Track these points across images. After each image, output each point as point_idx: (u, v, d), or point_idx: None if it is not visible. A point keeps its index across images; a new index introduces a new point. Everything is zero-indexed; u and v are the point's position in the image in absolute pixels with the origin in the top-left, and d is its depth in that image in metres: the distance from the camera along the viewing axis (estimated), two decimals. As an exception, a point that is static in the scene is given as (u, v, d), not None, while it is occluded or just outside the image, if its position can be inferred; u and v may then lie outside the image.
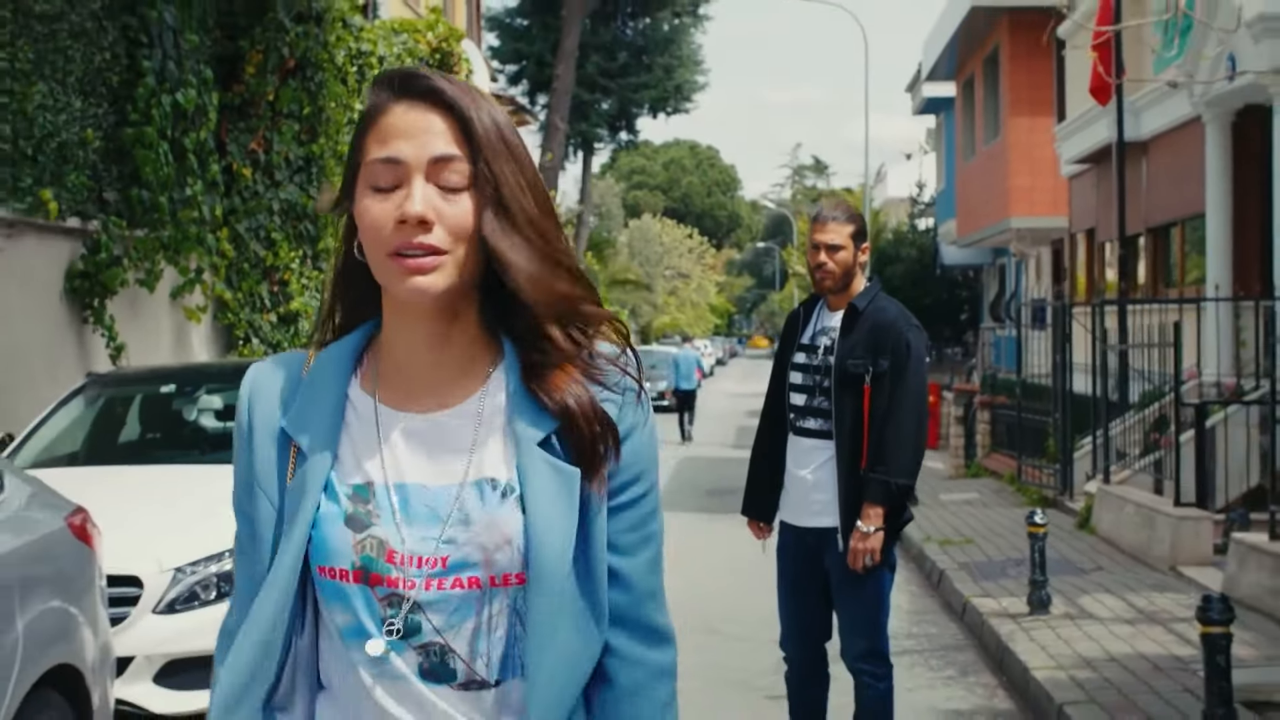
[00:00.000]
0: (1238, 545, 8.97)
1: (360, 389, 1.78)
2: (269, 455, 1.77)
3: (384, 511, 1.71)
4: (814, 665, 5.49)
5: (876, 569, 5.21)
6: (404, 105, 1.68)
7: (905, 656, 8.01)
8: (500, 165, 1.68)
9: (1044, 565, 8.64)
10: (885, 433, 5.18)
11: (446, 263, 1.64)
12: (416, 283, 1.64)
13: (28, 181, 9.11)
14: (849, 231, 5.38)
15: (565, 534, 1.70)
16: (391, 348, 1.77)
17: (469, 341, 1.76)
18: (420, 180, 1.64)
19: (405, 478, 1.73)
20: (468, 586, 1.69)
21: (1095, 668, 7.20)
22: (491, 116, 1.70)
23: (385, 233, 1.64)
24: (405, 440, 1.75)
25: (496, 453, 1.74)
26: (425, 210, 1.62)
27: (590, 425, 1.73)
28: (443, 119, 1.67)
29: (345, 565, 1.69)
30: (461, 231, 1.65)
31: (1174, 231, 17.60)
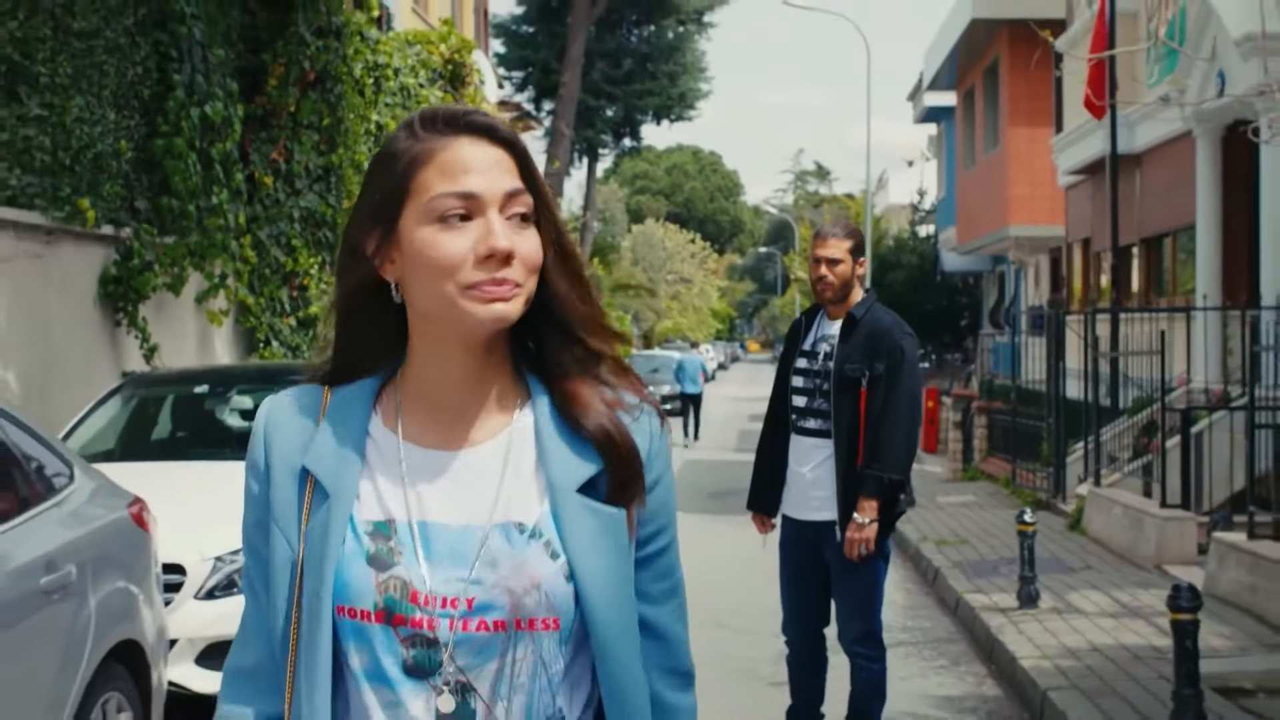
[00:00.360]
0: (1218, 544, 9.41)
1: (382, 425, 1.76)
2: (287, 493, 1.74)
3: (405, 549, 1.68)
4: (814, 650, 5.92)
5: (871, 558, 5.64)
6: (467, 140, 1.68)
7: (900, 648, 8.43)
8: (551, 204, 1.72)
9: (1033, 562, 9.08)
10: (880, 432, 5.61)
11: (521, 294, 1.66)
12: (497, 309, 1.64)
13: (66, 191, 9.55)
14: (847, 246, 5.81)
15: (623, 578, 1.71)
16: (418, 384, 1.76)
17: (500, 377, 1.76)
18: (496, 214, 1.65)
19: (428, 516, 1.71)
20: (493, 629, 1.66)
21: (1078, 657, 7.64)
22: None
23: (463, 268, 1.63)
24: (429, 478, 1.73)
25: (524, 493, 1.72)
26: (510, 245, 1.64)
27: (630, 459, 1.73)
28: (506, 154, 1.69)
29: (368, 606, 1.66)
30: (534, 265, 1.67)
31: (1167, 242, 18.03)
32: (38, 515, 4.70)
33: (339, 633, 1.67)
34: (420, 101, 15.79)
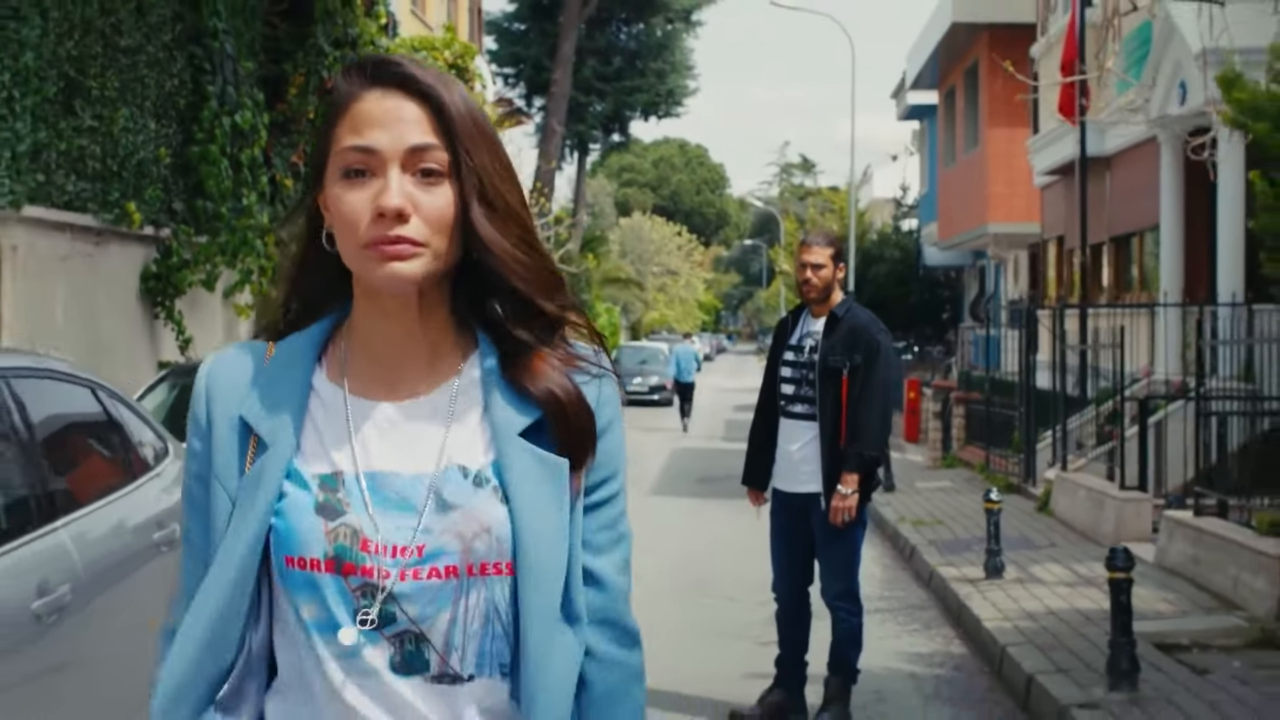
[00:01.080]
0: (1167, 521, 10.32)
1: (326, 378, 1.75)
2: (228, 446, 1.71)
3: (354, 500, 1.66)
4: (799, 605, 6.80)
5: (851, 524, 6.52)
6: (378, 92, 1.65)
7: (878, 614, 9.30)
8: (481, 154, 1.66)
9: (998, 537, 9.98)
10: (859, 415, 6.49)
11: (424, 253, 1.63)
12: (393, 269, 1.62)
13: (115, 195, 10.39)
14: (829, 254, 6.71)
15: (558, 526, 1.69)
16: (362, 336, 1.74)
17: (442, 330, 1.74)
18: (396, 171, 1.62)
19: (375, 466, 1.69)
20: (444, 576, 1.64)
21: (1036, 619, 8.53)
22: (466, 104, 1.68)
23: (361, 224, 1.62)
24: (376, 429, 1.71)
25: (471, 441, 1.71)
26: (403, 203, 1.61)
27: (579, 416, 1.73)
28: (418, 107, 1.64)
29: (317, 555, 1.64)
30: (439, 222, 1.64)
31: (1134, 241, 18.96)
32: (146, 483, 5.54)
33: (289, 586, 1.65)
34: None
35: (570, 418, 1.71)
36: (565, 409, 1.71)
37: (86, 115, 10.00)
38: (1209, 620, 8.41)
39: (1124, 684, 6.55)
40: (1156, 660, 7.25)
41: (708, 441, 24.55)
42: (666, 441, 24.38)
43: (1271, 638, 7.81)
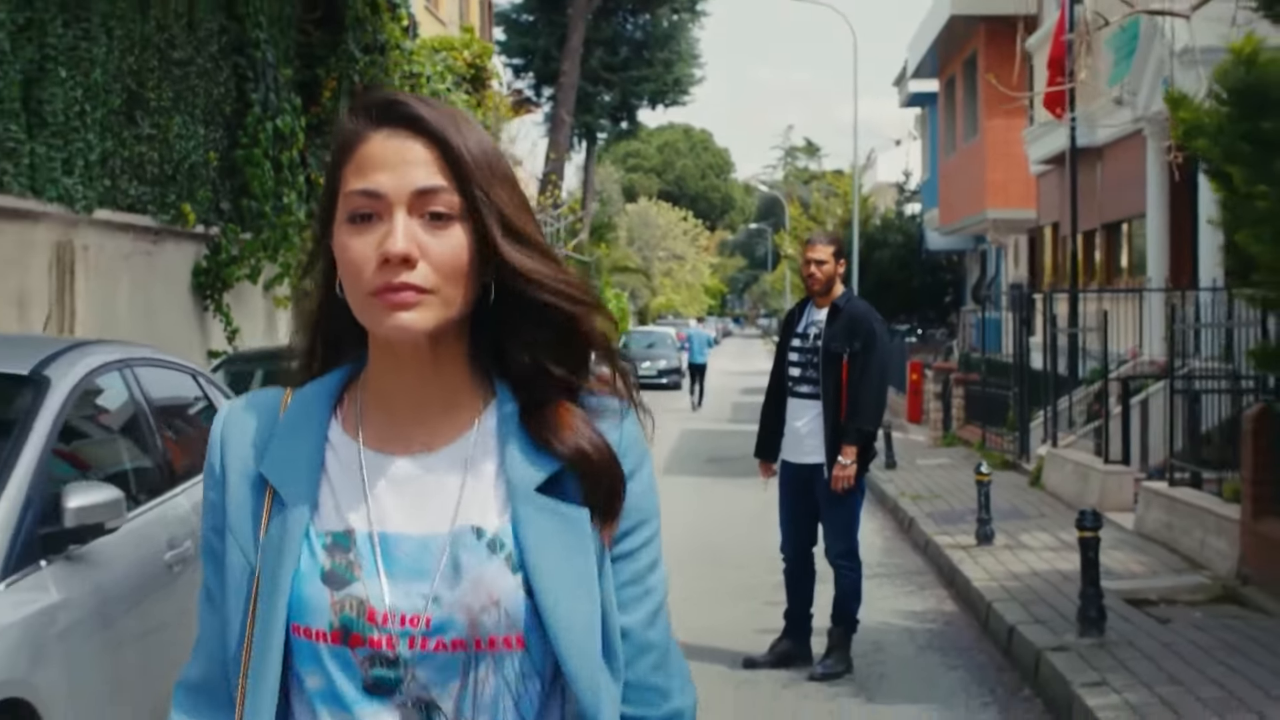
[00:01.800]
0: (1145, 492, 11.18)
1: (342, 431, 1.68)
2: (244, 501, 1.66)
3: (365, 563, 1.60)
4: (804, 564, 7.67)
5: (851, 491, 7.39)
6: (383, 134, 1.59)
7: (877, 579, 10.14)
8: (496, 191, 1.60)
9: (989, 507, 10.85)
10: (858, 394, 7.36)
11: (431, 301, 1.56)
12: (400, 319, 1.55)
13: (171, 197, 11.25)
14: (831, 251, 7.58)
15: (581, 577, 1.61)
16: (376, 387, 1.67)
17: (459, 379, 1.67)
18: (402, 215, 1.56)
19: (388, 526, 1.62)
20: (451, 649, 1.58)
21: (1021, 579, 9.39)
22: (479, 143, 1.61)
23: (366, 272, 1.55)
24: (391, 485, 1.64)
25: (486, 498, 1.63)
26: (408, 247, 1.54)
27: (608, 470, 1.64)
28: (425, 147, 1.58)
29: (323, 626, 1.58)
30: (449, 268, 1.57)
31: (1124, 228, 19.79)
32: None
33: (293, 653, 1.60)
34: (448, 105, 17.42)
35: (599, 474, 1.63)
36: (594, 465, 1.63)
37: (145, 124, 10.84)
38: (1177, 579, 9.27)
39: (1092, 630, 7.41)
40: (1125, 612, 8.11)
41: (716, 423, 25.40)
42: (676, 423, 25.25)
43: (1231, 593, 8.66)
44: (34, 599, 4.30)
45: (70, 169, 9.60)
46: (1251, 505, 8.80)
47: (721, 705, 6.90)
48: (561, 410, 1.65)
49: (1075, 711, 6.38)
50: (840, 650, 7.52)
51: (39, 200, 9.25)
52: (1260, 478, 8.72)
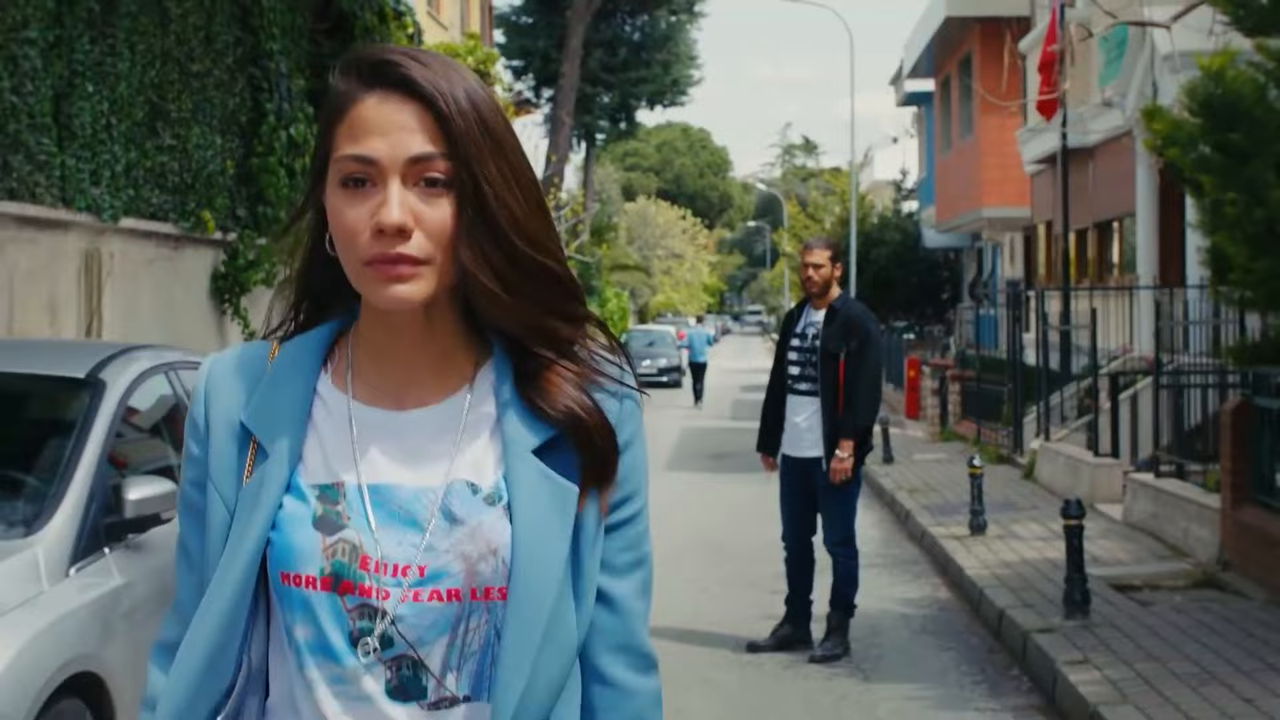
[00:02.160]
0: (1132, 483, 11.59)
1: (331, 384, 1.66)
2: (227, 452, 1.64)
3: (355, 514, 1.58)
4: (804, 552, 8.08)
5: (848, 482, 7.79)
6: (376, 97, 1.55)
7: (875, 568, 10.53)
8: (484, 163, 1.55)
9: (981, 498, 11.26)
10: (854, 391, 7.77)
11: (426, 272, 1.54)
12: (395, 291, 1.53)
13: (191, 205, 11.66)
14: (827, 255, 7.99)
15: (557, 553, 1.59)
16: (369, 342, 1.66)
17: (453, 338, 1.65)
18: (396, 183, 1.53)
19: (379, 478, 1.60)
20: (446, 599, 1.57)
21: (1011, 567, 9.80)
22: (471, 100, 1.56)
23: (361, 240, 1.53)
24: (381, 439, 1.63)
25: (481, 455, 1.62)
26: (403, 218, 1.52)
27: (600, 435, 1.64)
28: (419, 111, 1.54)
29: (313, 571, 1.56)
30: (442, 236, 1.54)
31: (1115, 226, 20.20)
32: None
33: (284, 605, 1.59)
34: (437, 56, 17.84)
35: (591, 438, 1.62)
36: (585, 429, 1.62)
37: (166, 135, 11.25)
38: (1160, 565, 9.68)
39: (1077, 613, 7.83)
40: (1109, 596, 8.52)
41: (717, 420, 25.82)
42: (678, 420, 25.67)
43: (1211, 578, 9.07)
44: (100, 583, 4.71)
45: (98, 179, 10.01)
46: (1230, 494, 9.20)
47: (727, 686, 7.31)
48: (555, 373, 1.63)
49: (1059, 688, 6.79)
50: (839, 634, 7.94)
51: (69, 210, 9.66)
52: (1238, 468, 9.12)
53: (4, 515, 4.75)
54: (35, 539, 4.59)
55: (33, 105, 9.14)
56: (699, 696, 7.09)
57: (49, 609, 4.41)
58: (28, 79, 9.07)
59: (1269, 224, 6.67)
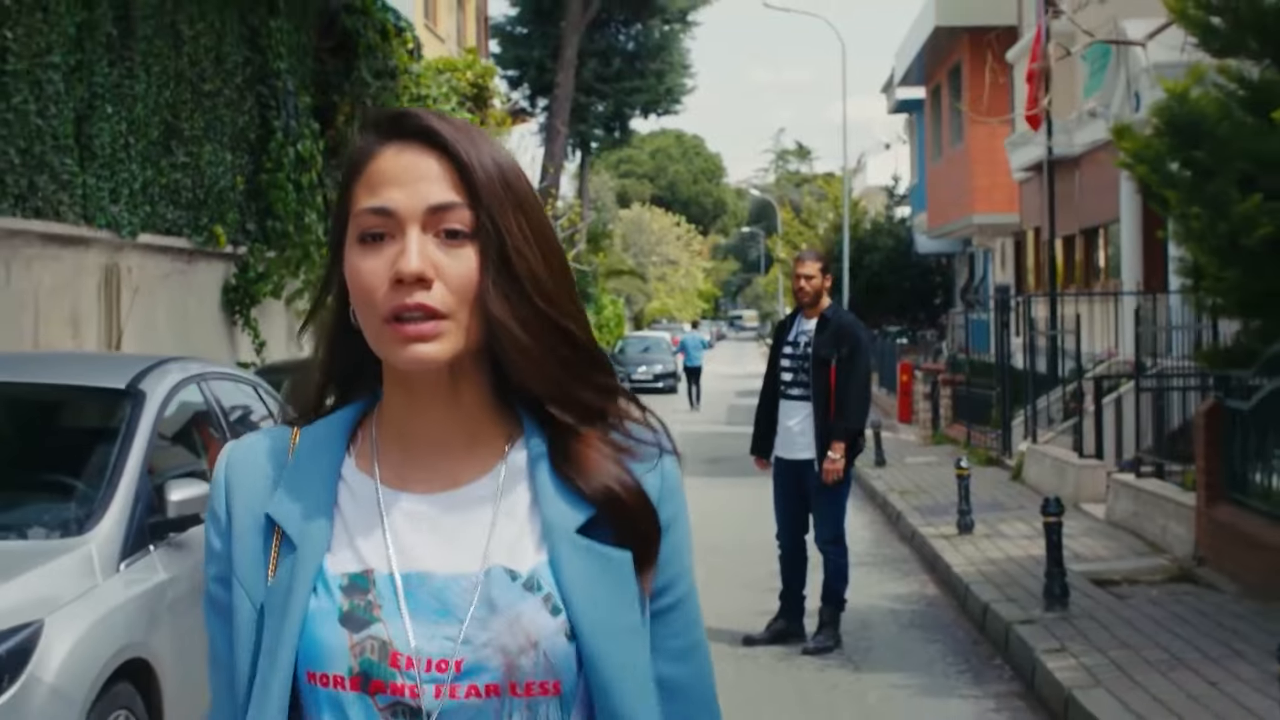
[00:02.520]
0: (1114, 483, 12.02)
1: (356, 468, 1.56)
2: (251, 545, 1.54)
3: (386, 604, 1.47)
4: (797, 549, 8.50)
5: (840, 483, 8.21)
6: (395, 148, 1.49)
7: (865, 567, 10.94)
8: (505, 216, 1.48)
9: (968, 499, 11.67)
10: (845, 396, 8.19)
11: (449, 328, 1.45)
12: (417, 351, 1.44)
13: (204, 220, 12.08)
14: (818, 267, 8.41)
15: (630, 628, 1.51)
16: (392, 422, 1.56)
17: (481, 410, 1.55)
18: (416, 232, 1.45)
19: (412, 565, 1.50)
20: (484, 695, 1.46)
21: (996, 564, 10.22)
22: (494, 159, 1.50)
23: (379, 294, 1.45)
24: (411, 523, 1.52)
25: (518, 539, 1.51)
26: (424, 267, 1.43)
27: (640, 515, 1.54)
28: (439, 162, 1.47)
29: (342, 671, 1.46)
30: (465, 288, 1.46)
31: (1101, 232, 20.64)
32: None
33: (309, 704, 1.49)
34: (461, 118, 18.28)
35: (631, 518, 1.53)
36: (624, 508, 1.53)
37: (180, 153, 11.67)
38: (1139, 561, 10.10)
39: (1057, 606, 8.25)
40: (1088, 590, 8.94)
41: (713, 425, 26.22)
42: (675, 425, 25.43)
43: (1187, 573, 9.49)
44: (147, 577, 5.13)
45: (117, 197, 10.43)
46: (1205, 492, 9.62)
47: (724, 678, 7.68)
48: (589, 447, 1.54)
49: (1038, 675, 7.21)
50: (830, 627, 8.35)
51: (90, 227, 10.07)
52: (1212, 467, 9.54)
53: (58, 517, 5.17)
54: (88, 538, 5.00)
55: (56, 127, 9.56)
56: (698, 686, 7.49)
57: (103, 602, 4.82)
58: (51, 102, 9.49)
59: (1232, 237, 7.09)
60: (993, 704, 7.16)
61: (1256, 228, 6.82)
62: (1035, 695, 7.17)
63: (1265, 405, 8.83)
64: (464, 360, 1.50)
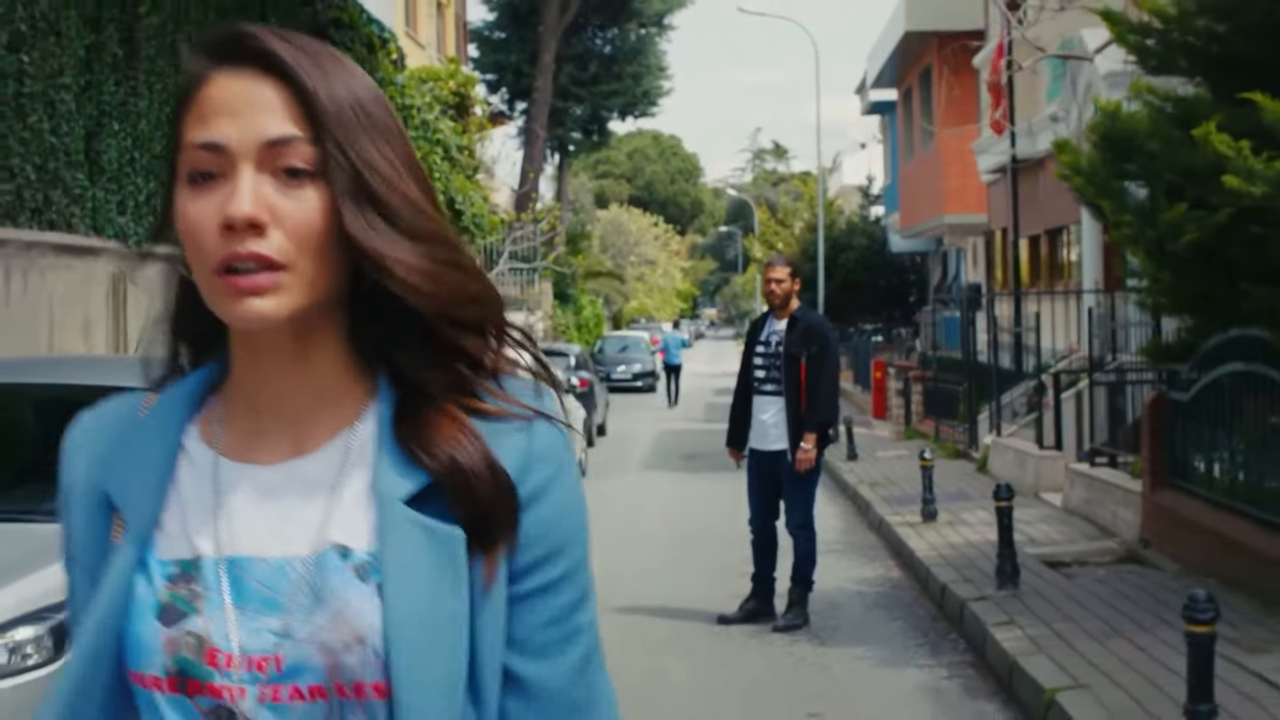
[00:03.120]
0: (1070, 472, 12.70)
1: (199, 438, 1.39)
2: (90, 525, 1.39)
3: (210, 593, 1.31)
4: (768, 535, 9.14)
5: (810, 472, 8.85)
6: (227, 74, 1.29)
7: (834, 553, 11.58)
8: (362, 147, 1.30)
9: (931, 488, 12.34)
10: (815, 391, 8.84)
11: (288, 280, 1.27)
12: (251, 307, 1.26)
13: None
14: (787, 271, 9.06)
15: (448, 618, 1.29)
16: (240, 383, 1.39)
17: (335, 373, 1.38)
18: (249, 171, 1.26)
19: (240, 549, 1.33)
20: (309, 698, 1.29)
21: (957, 549, 10.87)
22: (348, 86, 1.32)
23: (208, 241, 1.26)
24: (247, 500, 1.35)
25: (356, 515, 1.33)
26: (256, 210, 1.25)
27: (486, 488, 1.32)
28: (278, 90, 1.29)
29: (157, 670, 1.30)
30: (307, 235, 1.27)
31: (1064, 233, 21.35)
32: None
33: (139, 706, 1.33)
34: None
35: (470, 487, 1.32)
36: (463, 476, 1.32)
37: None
38: (1089, 544, 10.77)
39: (1008, 584, 8.91)
40: (1040, 571, 9.61)
41: (691, 423, 26.87)
42: (653, 423, 26.72)
43: (1134, 555, 10.16)
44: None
45: (124, 209, 11.02)
46: (1150, 480, 10.29)
47: (700, 654, 8.35)
48: (441, 414, 1.35)
49: (988, 646, 7.86)
50: (799, 606, 8.99)
51: (100, 238, 10.66)
52: (1156, 455, 10.22)
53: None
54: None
55: (68, 144, 10.15)
56: (676, 661, 8.13)
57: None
58: (63, 120, 10.08)
59: (1159, 243, 7.75)
60: (945, 673, 7.80)
61: (1182, 234, 7.47)
62: (985, 664, 7.82)
63: (1202, 397, 9.50)
64: (311, 317, 1.32)
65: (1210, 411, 9.36)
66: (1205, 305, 8.33)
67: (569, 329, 37.85)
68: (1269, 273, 7.43)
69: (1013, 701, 7.10)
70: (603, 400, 25.04)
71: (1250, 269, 7.61)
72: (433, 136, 18.69)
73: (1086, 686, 6.62)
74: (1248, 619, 7.73)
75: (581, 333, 40.10)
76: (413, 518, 1.31)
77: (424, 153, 19.06)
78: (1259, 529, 8.37)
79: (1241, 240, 7.44)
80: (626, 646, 8.46)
